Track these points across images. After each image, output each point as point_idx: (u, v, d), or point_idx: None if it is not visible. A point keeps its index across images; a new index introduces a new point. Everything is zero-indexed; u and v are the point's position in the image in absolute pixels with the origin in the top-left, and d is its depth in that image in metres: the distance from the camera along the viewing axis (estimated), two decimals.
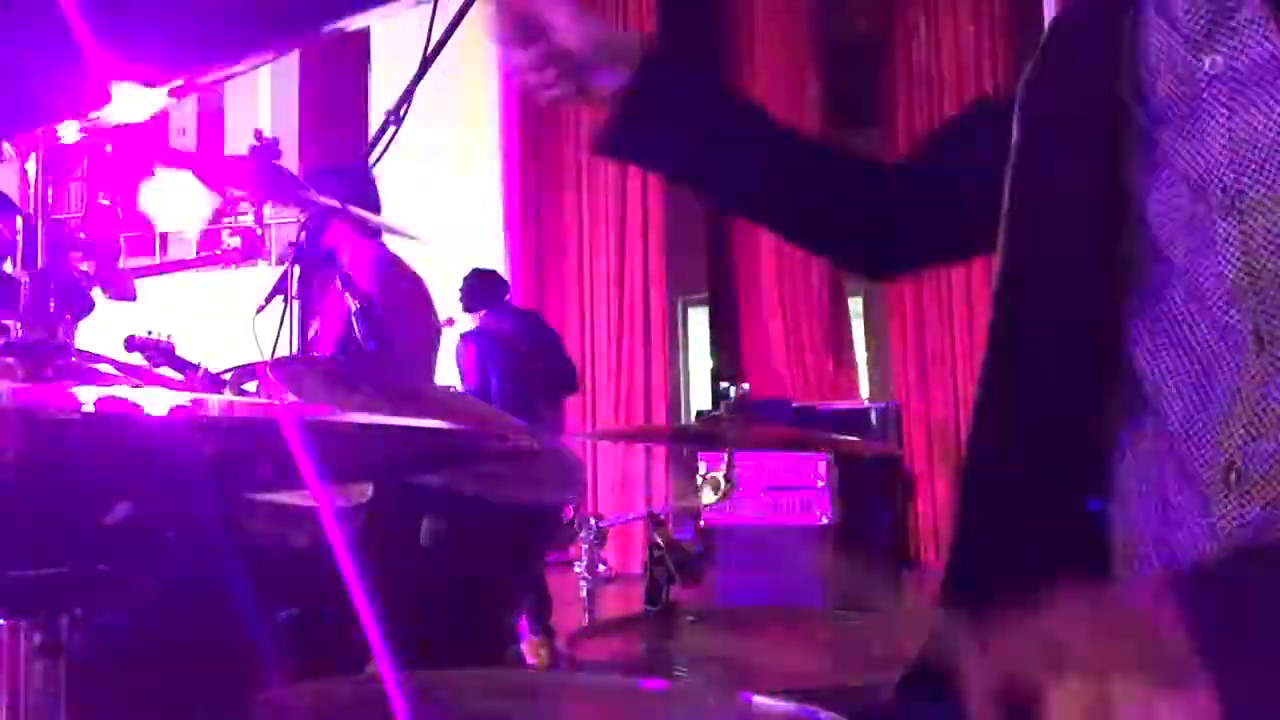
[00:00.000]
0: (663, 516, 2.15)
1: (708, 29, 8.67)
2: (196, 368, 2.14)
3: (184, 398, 0.72)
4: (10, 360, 0.71)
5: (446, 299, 4.61)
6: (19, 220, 0.73)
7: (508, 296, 5.47)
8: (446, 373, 4.44)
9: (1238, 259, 0.83)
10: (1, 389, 0.68)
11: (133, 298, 0.90)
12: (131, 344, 2.40)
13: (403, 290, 3.75)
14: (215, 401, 0.82)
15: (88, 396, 0.67)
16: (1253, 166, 0.82)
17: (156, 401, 0.65)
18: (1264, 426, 0.81)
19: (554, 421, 5.30)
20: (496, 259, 7.26)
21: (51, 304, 0.72)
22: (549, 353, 5.30)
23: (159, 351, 2.54)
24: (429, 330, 3.95)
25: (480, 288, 5.24)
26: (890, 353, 8.05)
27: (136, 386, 0.88)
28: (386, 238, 3.81)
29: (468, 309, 5.17)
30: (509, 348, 4.99)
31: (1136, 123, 0.90)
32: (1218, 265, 0.84)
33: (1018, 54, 7.18)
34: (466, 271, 5.33)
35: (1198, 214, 0.86)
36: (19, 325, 0.72)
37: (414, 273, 3.87)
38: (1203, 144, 0.86)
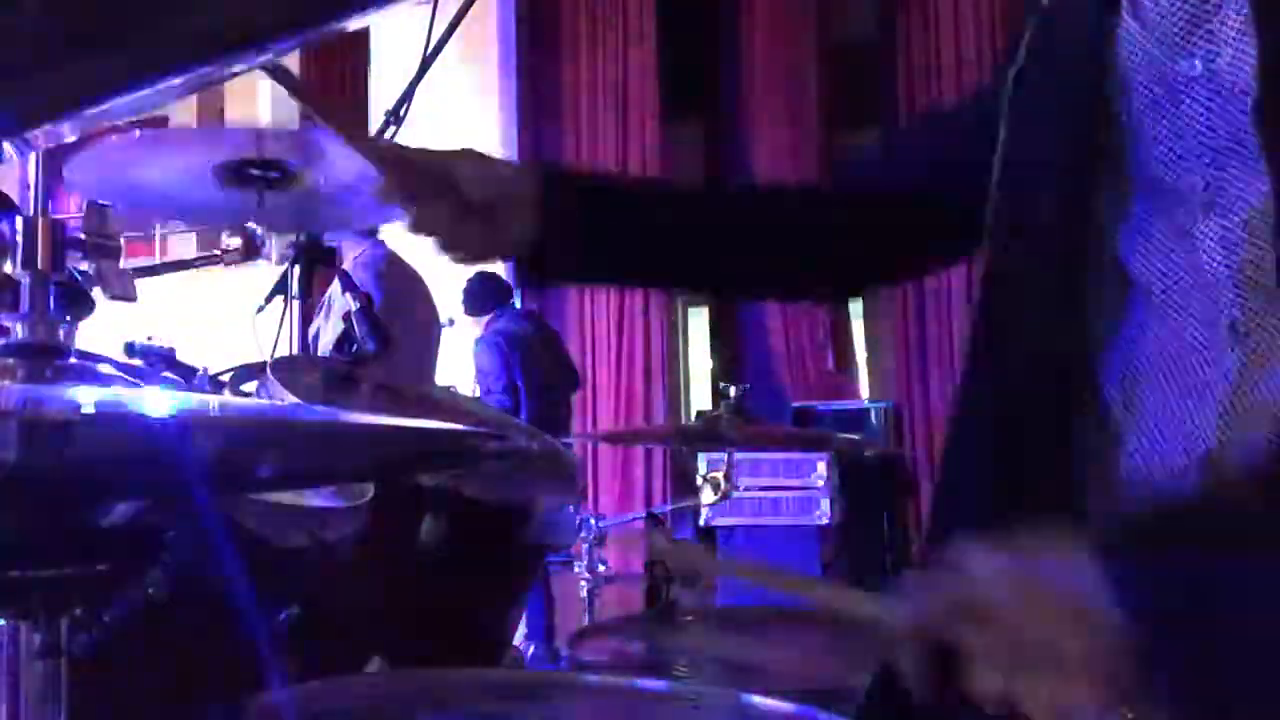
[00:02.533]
0: (662, 516, 2.15)
1: (707, 29, 8.67)
2: (195, 372, 2.13)
3: (184, 397, 0.72)
4: (10, 360, 0.71)
5: (448, 298, 4.62)
6: (19, 220, 0.73)
7: (512, 299, 5.50)
8: (448, 372, 4.45)
9: (1218, 253, 0.85)
10: (1, 389, 0.68)
11: (133, 298, 0.90)
12: (131, 350, 2.39)
13: (402, 288, 3.75)
14: (215, 402, 0.82)
15: (88, 397, 0.67)
16: (1232, 165, 0.84)
17: (156, 402, 0.65)
18: (1242, 416, 0.84)
19: (566, 420, 5.33)
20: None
21: (51, 304, 0.72)
22: (557, 352, 5.35)
23: (159, 357, 2.54)
24: (429, 329, 3.95)
25: (485, 291, 5.26)
26: (890, 353, 8.05)
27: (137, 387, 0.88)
28: (385, 235, 3.81)
29: (470, 313, 5.19)
30: (527, 348, 5.03)
31: (1116, 122, 0.92)
32: (1196, 261, 0.87)
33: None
34: (468, 275, 5.34)
35: (1171, 214, 0.88)
36: (19, 325, 0.72)
37: (414, 271, 3.87)
38: (1180, 144, 0.87)
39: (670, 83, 8.23)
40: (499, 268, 6.43)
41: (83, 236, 0.81)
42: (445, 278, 4.34)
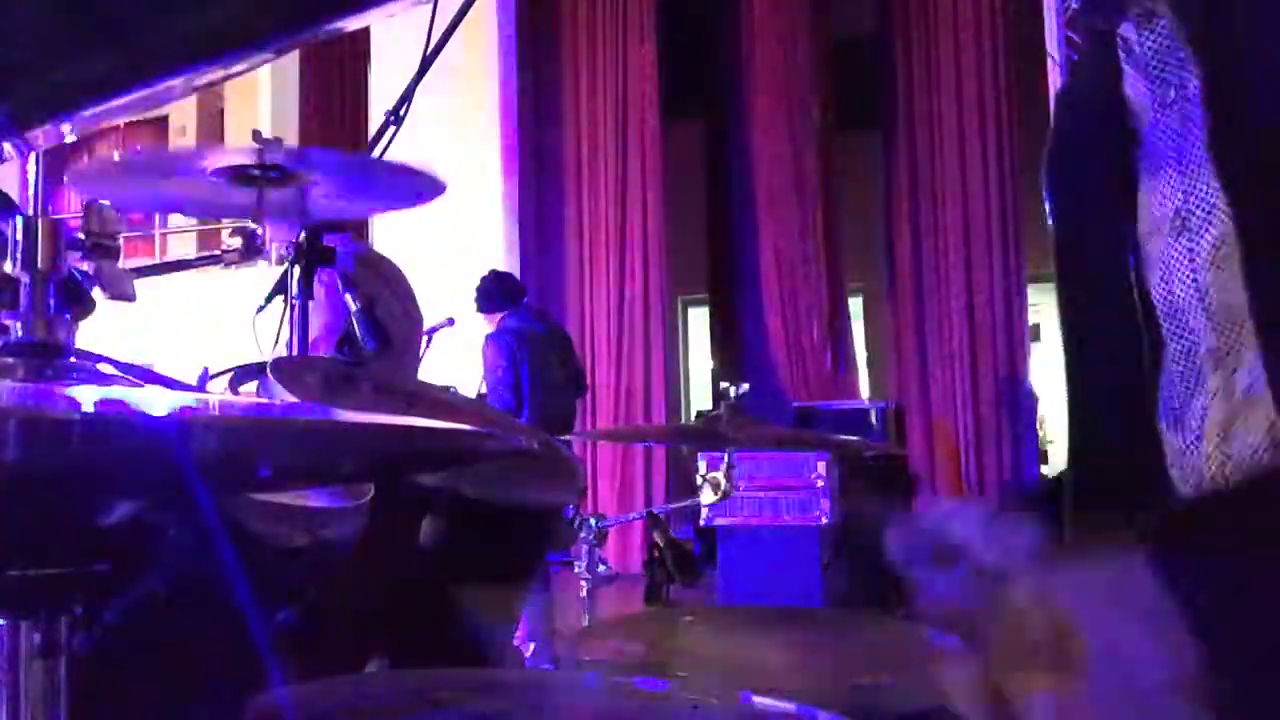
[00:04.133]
0: (662, 516, 2.15)
1: (707, 29, 8.67)
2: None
3: (184, 397, 0.72)
4: (10, 360, 0.71)
5: (451, 298, 4.62)
6: (19, 220, 0.73)
7: (525, 298, 5.52)
8: (450, 371, 4.45)
9: (1188, 278, 0.87)
10: (2, 389, 0.68)
11: (132, 297, 0.90)
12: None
13: (373, 287, 3.72)
14: (215, 401, 0.82)
15: (88, 396, 0.67)
16: (1198, 187, 0.85)
17: (156, 401, 0.65)
18: (1231, 442, 0.84)
19: (570, 421, 5.34)
20: (497, 259, 7.27)
21: (51, 304, 0.72)
22: (566, 354, 5.36)
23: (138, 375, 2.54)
24: (411, 328, 3.92)
25: (498, 290, 5.27)
26: (890, 353, 8.05)
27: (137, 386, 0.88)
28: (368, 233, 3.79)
29: (483, 310, 5.20)
30: (535, 348, 5.04)
31: (1130, 168, 0.93)
32: (1176, 286, 0.88)
33: (1017, 55, 7.18)
34: (474, 272, 5.36)
35: (1161, 242, 0.89)
36: (19, 325, 0.72)
37: (392, 269, 3.85)
38: (1162, 173, 0.89)
39: (670, 83, 8.24)
40: (498, 265, 6.45)
41: (82, 236, 0.81)
42: (449, 277, 4.35)
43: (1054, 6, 6.12)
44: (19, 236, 0.73)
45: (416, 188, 1.97)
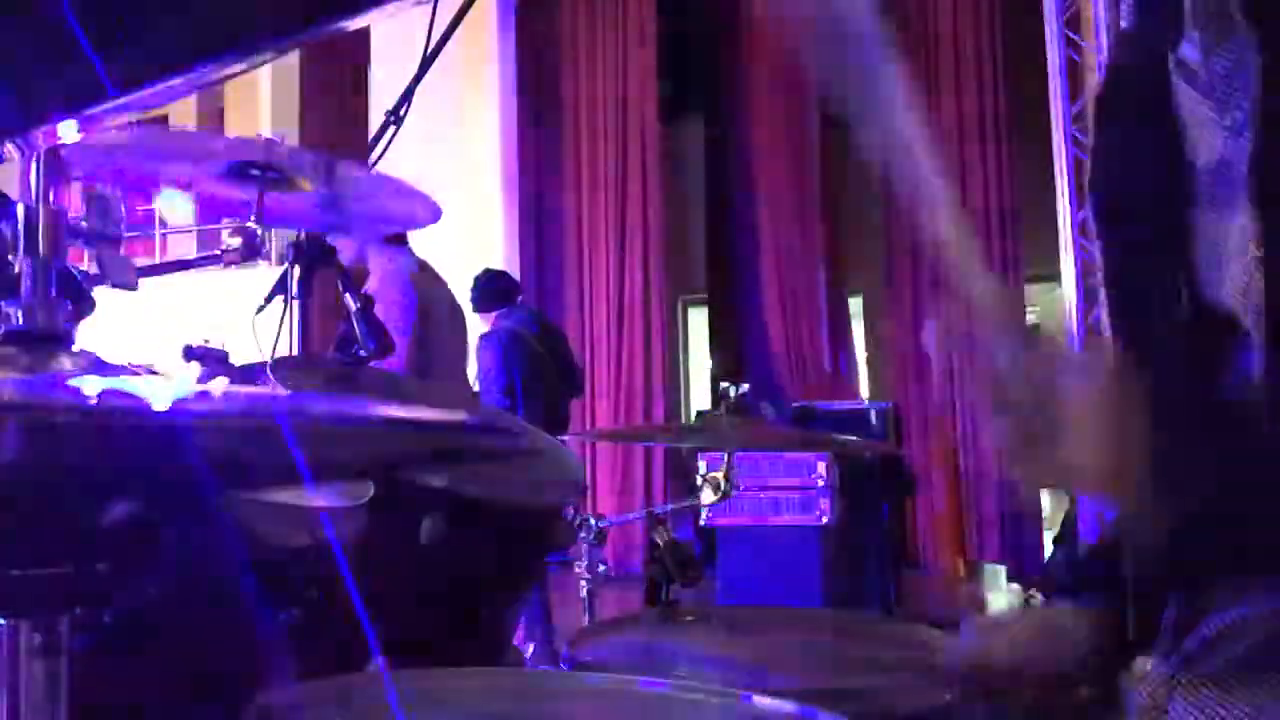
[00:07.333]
0: (662, 516, 2.15)
1: (707, 28, 8.67)
2: (248, 372, 2.13)
3: (185, 395, 0.72)
4: (12, 350, 0.71)
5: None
6: (20, 209, 0.73)
7: (520, 297, 5.50)
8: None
9: (1238, 298, 0.83)
10: (1, 385, 0.67)
11: (134, 286, 0.90)
12: (190, 353, 2.41)
13: (435, 293, 3.76)
14: (215, 400, 0.82)
15: (89, 393, 0.67)
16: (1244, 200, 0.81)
17: (157, 398, 0.65)
18: None
19: (563, 423, 5.32)
20: (497, 259, 7.27)
21: (52, 292, 0.72)
22: (561, 354, 5.34)
23: (216, 361, 2.54)
24: (462, 331, 3.96)
25: (493, 289, 5.26)
26: (890, 353, 8.05)
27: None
28: (413, 243, 3.83)
29: (478, 310, 5.19)
30: (528, 348, 5.02)
31: (1187, 182, 0.88)
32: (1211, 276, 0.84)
33: (1016, 56, 7.18)
34: (474, 272, 5.35)
35: (1221, 252, 0.85)
36: (20, 314, 0.72)
37: (440, 274, 3.88)
38: (1229, 187, 0.83)
39: (670, 83, 8.23)
40: (498, 265, 6.45)
41: (84, 225, 0.81)
42: (449, 277, 4.34)
43: (1054, 7, 6.12)
44: (20, 228, 0.73)
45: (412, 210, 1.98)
